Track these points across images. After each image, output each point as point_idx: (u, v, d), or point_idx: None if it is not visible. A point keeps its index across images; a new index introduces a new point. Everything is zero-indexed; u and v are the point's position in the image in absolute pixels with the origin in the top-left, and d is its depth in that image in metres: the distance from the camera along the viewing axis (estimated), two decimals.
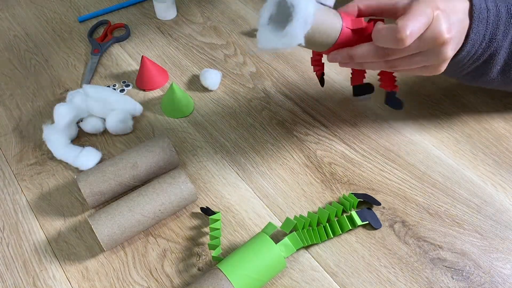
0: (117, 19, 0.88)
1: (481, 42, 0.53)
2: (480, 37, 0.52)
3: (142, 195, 0.56)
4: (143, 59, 0.73)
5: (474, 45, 0.53)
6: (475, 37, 0.52)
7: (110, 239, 0.54)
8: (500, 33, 0.53)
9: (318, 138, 0.66)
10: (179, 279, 0.54)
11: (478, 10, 0.51)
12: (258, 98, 0.72)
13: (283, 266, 0.52)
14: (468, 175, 0.61)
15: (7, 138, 0.69)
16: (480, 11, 0.51)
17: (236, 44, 0.81)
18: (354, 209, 0.58)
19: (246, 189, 0.62)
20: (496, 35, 0.53)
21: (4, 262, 0.56)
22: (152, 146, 0.60)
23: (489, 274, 0.52)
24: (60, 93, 0.75)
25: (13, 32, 0.87)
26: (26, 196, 0.62)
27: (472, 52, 0.54)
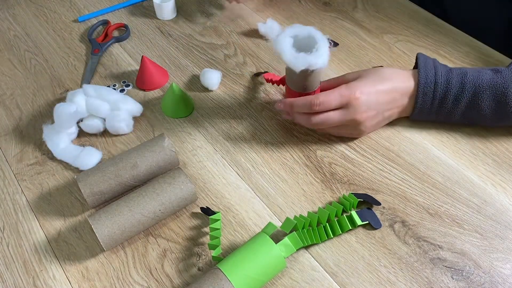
0: (117, 19, 0.88)
1: (429, 108, 0.62)
2: (427, 104, 0.62)
3: (142, 195, 0.56)
4: (143, 59, 0.73)
5: (422, 111, 0.63)
6: (421, 106, 0.62)
7: (110, 239, 0.54)
8: (450, 102, 0.61)
9: (318, 138, 0.66)
10: (179, 279, 0.54)
11: (422, 84, 0.61)
12: (258, 98, 0.72)
13: (283, 266, 0.52)
14: (468, 175, 0.61)
15: (7, 138, 0.69)
16: (425, 85, 0.61)
17: (236, 44, 0.81)
18: (354, 209, 0.58)
19: (246, 189, 0.62)
20: (444, 103, 0.61)
21: (4, 262, 0.56)
22: (152, 146, 0.60)
23: (489, 274, 0.52)
24: (60, 93, 0.75)
25: (13, 32, 0.87)
26: (26, 196, 0.62)
27: (425, 113, 0.63)
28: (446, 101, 0.61)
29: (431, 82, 0.61)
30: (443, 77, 0.61)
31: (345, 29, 0.82)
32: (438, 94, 0.61)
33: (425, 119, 0.65)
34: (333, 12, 0.86)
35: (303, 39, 0.60)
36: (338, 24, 0.83)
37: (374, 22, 0.83)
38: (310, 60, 0.58)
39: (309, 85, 0.62)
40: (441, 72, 0.61)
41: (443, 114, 0.63)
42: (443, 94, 0.61)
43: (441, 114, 0.63)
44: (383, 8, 0.85)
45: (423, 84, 0.61)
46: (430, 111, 0.62)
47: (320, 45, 0.58)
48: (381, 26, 0.82)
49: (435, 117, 0.64)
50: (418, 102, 0.62)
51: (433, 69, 0.62)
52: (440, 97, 0.61)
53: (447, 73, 0.61)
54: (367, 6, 0.86)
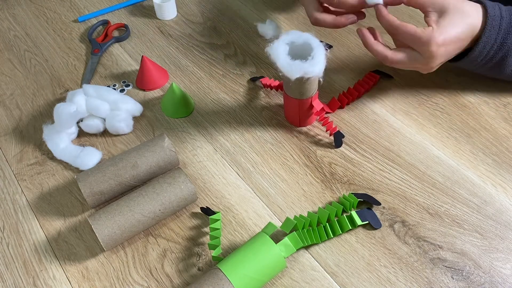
0: (117, 19, 0.88)
1: (492, 44, 0.60)
2: (491, 40, 0.60)
3: (142, 195, 0.56)
4: (143, 59, 0.73)
5: (485, 46, 0.60)
6: (487, 39, 0.60)
7: (110, 239, 0.54)
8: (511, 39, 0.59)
9: (318, 138, 0.66)
10: (179, 279, 0.54)
11: (492, 17, 0.59)
12: (258, 98, 0.72)
13: (283, 266, 0.52)
14: (468, 175, 0.61)
15: (7, 138, 0.69)
16: (493, 18, 0.59)
17: (236, 44, 0.81)
18: (354, 209, 0.58)
19: (246, 189, 0.62)
20: (507, 39, 0.60)
21: (4, 262, 0.56)
22: (152, 146, 0.60)
23: (489, 274, 0.52)
24: (60, 93, 0.75)
25: (13, 32, 0.87)
26: (26, 196, 0.62)
27: (484, 53, 0.61)
28: (508, 38, 0.60)
29: (497, 15, 0.60)
30: (507, 12, 0.60)
31: (345, 29, 0.82)
32: (503, 28, 0.59)
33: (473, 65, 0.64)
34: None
35: (299, 46, 0.60)
36: None
37: (374, 22, 0.83)
38: (306, 68, 0.56)
39: (306, 91, 0.62)
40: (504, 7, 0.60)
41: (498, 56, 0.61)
42: (507, 30, 0.60)
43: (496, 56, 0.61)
44: None
45: (491, 16, 0.59)
46: (490, 50, 0.61)
47: (316, 52, 0.58)
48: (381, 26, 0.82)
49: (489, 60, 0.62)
50: (484, 35, 0.60)
51: (496, 4, 0.61)
52: (504, 33, 0.60)
53: (509, 9, 0.60)
54: None
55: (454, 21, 0.58)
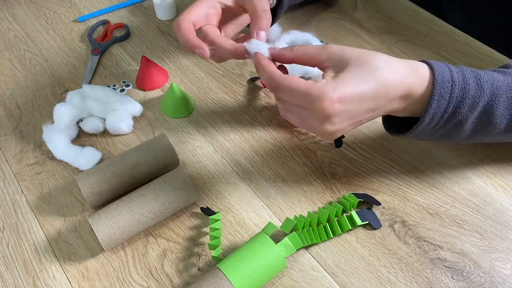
0: (117, 19, 0.88)
1: (441, 115, 0.50)
2: (440, 111, 0.49)
3: (142, 195, 0.56)
4: (143, 59, 0.73)
5: (434, 117, 0.50)
6: (434, 111, 0.49)
7: (110, 239, 0.54)
8: (466, 106, 0.49)
9: (318, 138, 0.66)
10: (179, 279, 0.54)
11: (440, 83, 0.48)
12: (258, 98, 0.72)
13: (283, 266, 0.52)
14: (468, 175, 0.61)
15: (7, 138, 0.69)
16: (442, 86, 0.48)
17: None
18: (354, 209, 0.58)
19: (246, 189, 0.62)
20: (460, 108, 0.49)
21: (4, 262, 0.56)
22: (152, 146, 0.60)
23: (489, 274, 0.52)
24: (60, 93, 0.75)
25: (13, 32, 0.87)
26: (26, 196, 0.62)
27: (432, 124, 0.51)
28: (462, 105, 0.49)
29: (448, 81, 0.48)
30: (459, 75, 0.49)
31: (345, 29, 0.82)
32: (455, 96, 0.49)
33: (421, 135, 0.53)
34: (333, 12, 0.86)
35: None
36: (338, 24, 0.83)
37: (374, 22, 0.83)
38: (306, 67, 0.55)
39: None
40: (454, 68, 0.50)
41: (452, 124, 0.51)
42: (461, 97, 0.49)
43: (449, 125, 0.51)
44: (383, 8, 0.85)
45: (440, 83, 0.48)
46: (441, 119, 0.50)
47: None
48: (381, 26, 0.82)
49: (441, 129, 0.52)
50: (431, 107, 0.49)
51: (446, 66, 0.50)
52: (458, 101, 0.49)
53: (461, 70, 0.50)
54: (367, 6, 0.86)
55: (355, 75, 0.46)
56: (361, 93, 0.47)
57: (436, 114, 0.49)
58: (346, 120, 0.48)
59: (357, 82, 0.47)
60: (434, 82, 0.48)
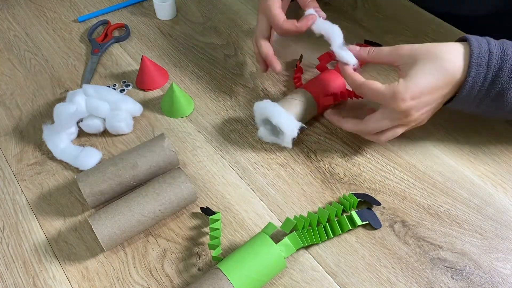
0: (117, 19, 0.88)
1: (481, 83, 0.54)
2: (480, 79, 0.54)
3: (142, 195, 0.56)
4: (143, 59, 0.73)
5: (474, 86, 0.54)
6: (473, 79, 0.54)
7: (110, 239, 0.54)
8: (505, 74, 0.53)
9: (318, 138, 0.66)
10: (179, 279, 0.54)
11: (476, 55, 0.53)
12: (258, 98, 0.72)
13: (283, 266, 0.52)
14: (468, 175, 0.61)
15: (7, 138, 0.69)
16: (479, 56, 0.53)
17: (236, 44, 0.81)
18: (354, 209, 0.58)
19: (246, 189, 0.62)
20: (499, 76, 0.53)
21: (4, 262, 0.56)
22: (152, 146, 0.60)
23: (489, 274, 0.52)
24: (60, 93, 0.75)
25: (13, 32, 0.87)
26: (26, 196, 0.62)
27: (474, 93, 0.55)
28: (501, 74, 0.53)
29: (485, 51, 0.53)
30: (498, 47, 0.53)
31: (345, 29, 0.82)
32: (492, 65, 0.53)
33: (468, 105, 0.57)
34: (333, 12, 0.86)
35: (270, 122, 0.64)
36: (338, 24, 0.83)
37: (374, 22, 0.83)
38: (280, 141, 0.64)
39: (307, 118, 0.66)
40: (493, 41, 0.54)
41: (493, 93, 0.54)
42: (499, 65, 0.53)
43: (491, 94, 0.55)
44: (383, 8, 0.85)
45: (476, 54, 0.53)
46: (481, 88, 0.54)
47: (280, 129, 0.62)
48: (381, 26, 0.82)
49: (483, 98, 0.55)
50: (470, 76, 0.53)
51: (484, 39, 0.55)
52: (495, 69, 0.53)
53: (501, 42, 0.54)
54: (367, 6, 0.86)
55: (425, 70, 0.53)
56: (430, 85, 0.54)
57: (475, 83, 0.54)
58: (422, 109, 0.55)
59: (425, 76, 0.54)
60: (470, 53, 0.53)
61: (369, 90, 0.57)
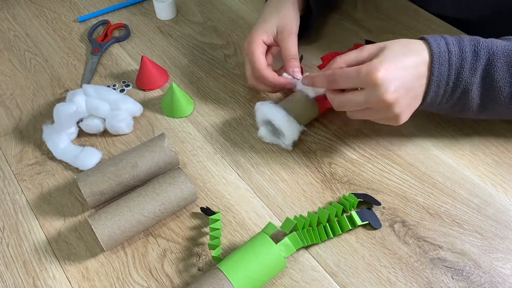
0: (117, 19, 0.88)
1: (446, 81, 0.55)
2: (444, 77, 0.55)
3: (142, 195, 0.56)
4: (143, 59, 0.73)
5: (439, 85, 0.55)
6: (438, 78, 0.55)
7: (110, 239, 0.54)
8: (466, 71, 0.55)
9: (318, 138, 0.66)
10: (179, 279, 0.54)
11: (437, 54, 0.54)
12: (258, 98, 0.72)
13: (283, 266, 0.52)
14: (468, 175, 0.61)
15: (7, 138, 0.69)
16: (439, 55, 0.54)
17: (236, 44, 0.81)
18: (354, 209, 0.58)
19: (246, 189, 0.62)
20: (461, 74, 0.55)
21: (4, 262, 0.56)
22: (152, 146, 0.60)
23: (489, 274, 0.52)
24: (60, 93, 0.75)
25: (13, 32, 0.87)
26: (26, 196, 0.62)
27: (441, 92, 0.56)
28: (462, 71, 0.55)
29: (444, 51, 0.55)
30: (455, 45, 0.55)
31: (345, 29, 0.82)
32: (453, 63, 0.54)
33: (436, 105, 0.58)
34: (333, 12, 0.86)
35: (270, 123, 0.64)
36: (338, 24, 0.83)
37: (374, 22, 0.83)
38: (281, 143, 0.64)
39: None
40: (451, 40, 0.56)
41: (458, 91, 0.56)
42: (460, 63, 0.55)
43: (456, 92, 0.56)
44: (383, 8, 0.85)
45: (437, 53, 0.54)
46: (446, 87, 0.56)
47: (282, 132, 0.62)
48: (381, 26, 0.82)
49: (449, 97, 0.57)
50: (434, 75, 0.55)
51: (442, 38, 0.56)
52: (457, 67, 0.55)
53: (458, 41, 0.56)
54: (367, 6, 0.86)
55: (396, 52, 0.54)
56: (403, 62, 0.54)
57: (440, 81, 0.55)
58: (400, 87, 0.53)
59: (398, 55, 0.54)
60: (431, 53, 0.55)
61: (342, 74, 0.55)
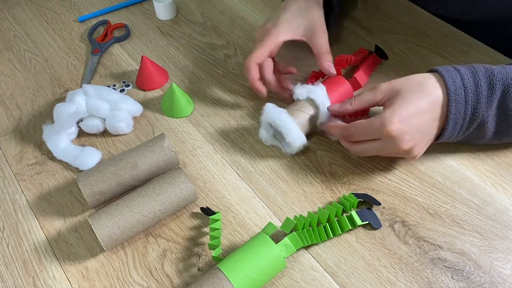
0: (117, 19, 0.88)
1: (463, 118, 0.55)
2: (461, 114, 0.55)
3: (142, 195, 0.56)
4: (143, 59, 0.73)
5: (457, 122, 0.56)
6: (455, 116, 0.55)
7: (110, 239, 0.54)
8: (483, 106, 0.55)
9: (318, 138, 0.66)
10: (179, 279, 0.54)
11: (453, 92, 0.54)
12: (258, 98, 0.72)
13: (283, 266, 0.52)
14: (468, 175, 0.61)
15: (7, 138, 0.69)
16: (455, 93, 0.54)
17: (236, 44, 0.81)
18: (354, 209, 0.58)
19: (246, 189, 0.62)
20: (477, 109, 0.55)
21: (4, 262, 0.56)
22: (152, 146, 0.60)
23: (489, 274, 0.52)
24: (60, 93, 0.75)
25: (13, 32, 0.87)
26: (26, 196, 0.62)
27: (458, 128, 0.56)
28: (479, 106, 0.54)
29: (460, 87, 0.54)
30: (471, 80, 0.55)
31: (345, 29, 0.82)
32: (470, 99, 0.54)
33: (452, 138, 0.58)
34: None
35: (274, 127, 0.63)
36: (338, 24, 0.83)
37: (374, 22, 0.83)
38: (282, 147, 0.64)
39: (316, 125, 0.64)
40: (466, 75, 0.55)
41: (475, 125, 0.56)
42: (476, 99, 0.54)
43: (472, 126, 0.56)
44: (383, 8, 0.85)
45: (453, 90, 0.54)
46: (463, 122, 0.56)
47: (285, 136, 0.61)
48: (381, 26, 0.82)
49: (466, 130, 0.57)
50: (451, 113, 0.55)
51: (456, 72, 0.55)
52: (473, 103, 0.54)
53: (472, 74, 0.55)
54: (367, 6, 0.86)
55: (409, 97, 0.54)
56: (416, 108, 0.54)
57: (458, 118, 0.55)
58: (416, 134, 0.55)
59: (411, 101, 0.54)
60: (447, 92, 0.54)
61: (357, 128, 0.56)
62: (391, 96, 0.56)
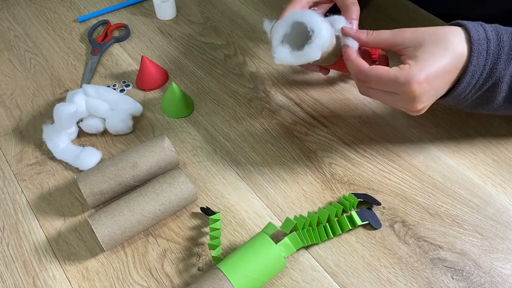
0: (117, 19, 0.88)
1: (481, 72, 0.52)
2: (480, 68, 0.52)
3: (142, 195, 0.56)
4: (143, 59, 0.73)
5: (474, 75, 0.52)
6: (474, 68, 0.51)
7: (110, 239, 0.54)
8: (502, 62, 0.52)
9: (318, 138, 0.66)
10: (179, 279, 0.54)
11: (476, 42, 0.51)
12: (258, 98, 0.72)
13: (283, 266, 0.52)
14: (468, 175, 0.61)
15: (7, 138, 0.69)
16: (479, 43, 0.51)
17: (236, 44, 0.81)
18: (354, 209, 0.58)
19: (246, 189, 0.62)
20: (497, 64, 0.52)
21: (4, 262, 0.56)
22: (152, 146, 0.60)
23: (489, 274, 0.52)
24: (60, 93, 0.75)
25: (13, 32, 0.87)
26: (26, 196, 0.62)
27: (473, 83, 0.53)
28: (499, 62, 0.51)
29: (483, 38, 0.51)
30: (493, 32, 0.51)
31: None
32: (491, 52, 0.51)
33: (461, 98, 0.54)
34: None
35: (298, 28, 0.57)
36: None
37: (374, 22, 0.83)
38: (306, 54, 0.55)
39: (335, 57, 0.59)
40: (488, 27, 0.52)
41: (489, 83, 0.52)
42: (497, 53, 0.51)
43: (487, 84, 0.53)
44: (383, 8, 0.85)
45: (476, 40, 0.50)
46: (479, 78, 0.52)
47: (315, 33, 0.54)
48: (381, 26, 0.81)
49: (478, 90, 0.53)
50: (472, 64, 0.51)
51: (479, 24, 0.52)
52: (494, 57, 0.51)
53: (495, 28, 0.52)
54: (367, 6, 0.86)
55: (435, 52, 0.50)
56: (443, 68, 0.50)
57: (475, 72, 0.52)
58: (432, 96, 0.52)
59: (438, 59, 0.50)
60: (471, 41, 0.51)
61: (377, 76, 0.51)
62: (413, 46, 0.51)
